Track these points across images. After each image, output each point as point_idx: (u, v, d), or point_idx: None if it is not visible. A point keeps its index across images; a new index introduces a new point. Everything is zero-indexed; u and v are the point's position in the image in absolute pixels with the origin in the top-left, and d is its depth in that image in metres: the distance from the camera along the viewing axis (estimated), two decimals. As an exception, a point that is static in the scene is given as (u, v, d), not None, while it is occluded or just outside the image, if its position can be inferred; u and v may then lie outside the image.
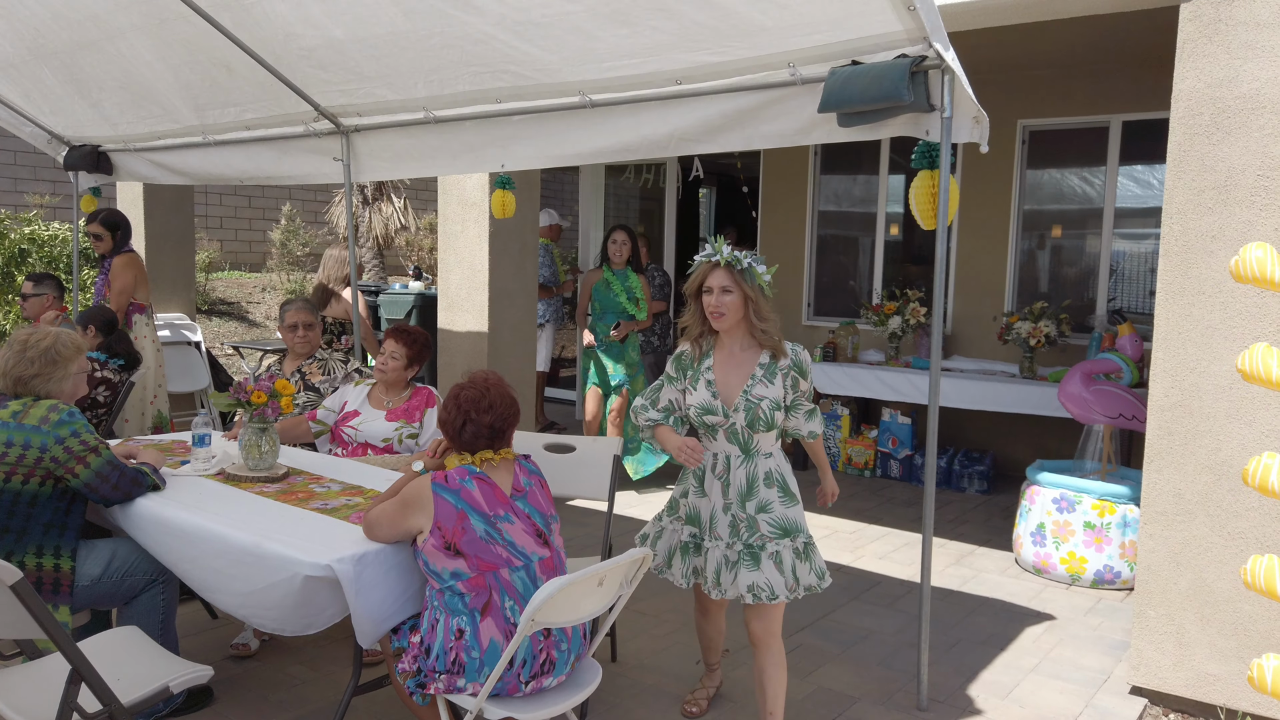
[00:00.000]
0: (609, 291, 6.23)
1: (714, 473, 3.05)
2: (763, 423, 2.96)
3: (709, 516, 3.05)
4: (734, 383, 3.01)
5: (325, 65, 4.58)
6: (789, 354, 3.01)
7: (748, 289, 2.95)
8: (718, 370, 3.04)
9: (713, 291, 2.96)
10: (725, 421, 3.00)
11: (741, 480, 3.01)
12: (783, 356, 3.00)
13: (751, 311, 2.97)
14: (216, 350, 9.21)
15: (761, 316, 2.97)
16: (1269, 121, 3.23)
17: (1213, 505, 3.39)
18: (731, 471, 3.02)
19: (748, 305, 2.97)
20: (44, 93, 5.69)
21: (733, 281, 2.95)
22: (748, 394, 2.97)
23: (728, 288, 2.95)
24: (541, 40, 3.86)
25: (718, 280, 2.96)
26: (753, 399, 2.96)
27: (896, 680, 3.74)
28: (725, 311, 2.96)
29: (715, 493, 3.04)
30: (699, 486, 3.09)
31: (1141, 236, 6.69)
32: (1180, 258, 3.42)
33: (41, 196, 10.03)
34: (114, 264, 5.70)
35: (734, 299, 2.96)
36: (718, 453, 3.05)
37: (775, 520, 2.99)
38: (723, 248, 2.98)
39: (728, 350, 3.06)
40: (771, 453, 3.05)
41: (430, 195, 13.14)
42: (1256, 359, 2.04)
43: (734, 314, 2.97)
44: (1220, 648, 3.41)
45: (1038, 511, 4.95)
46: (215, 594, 2.95)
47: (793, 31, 3.32)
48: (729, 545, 3.00)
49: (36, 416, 2.96)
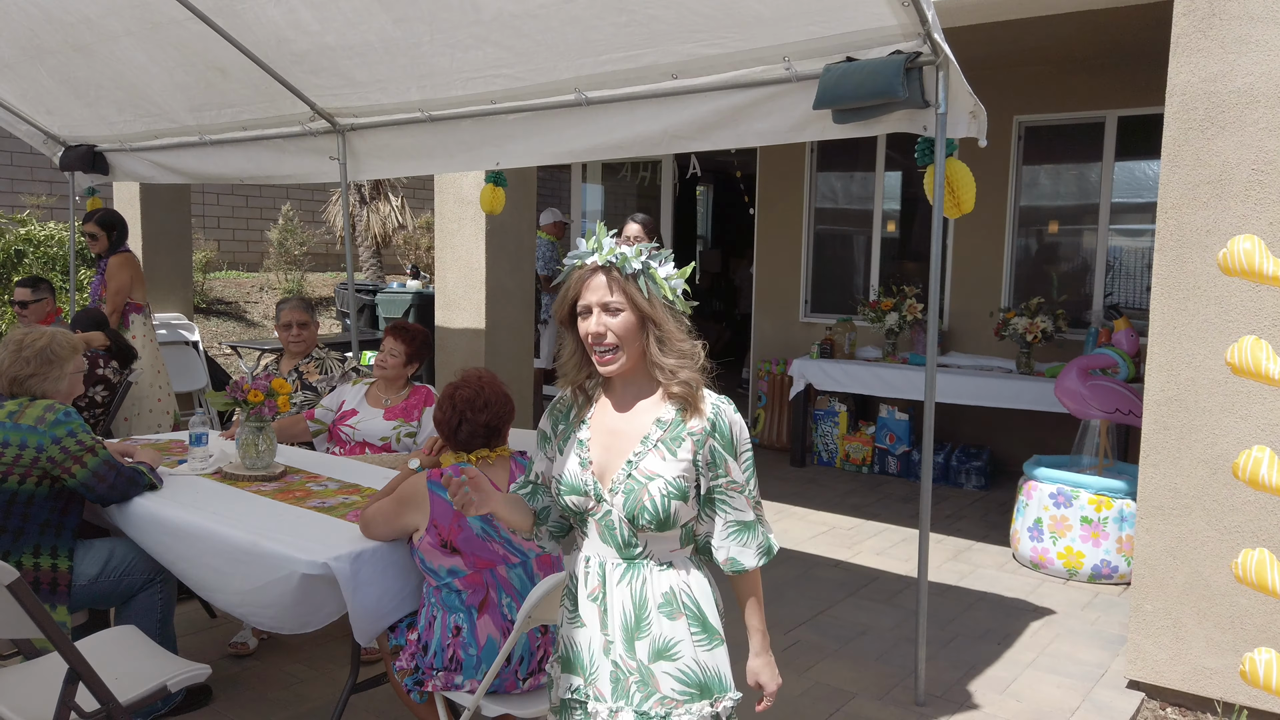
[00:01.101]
0: None
1: (586, 588, 1.97)
2: (650, 516, 1.86)
3: (589, 659, 1.97)
4: (617, 449, 1.94)
5: (318, 70, 4.58)
6: (708, 412, 1.90)
7: (644, 305, 1.87)
8: (597, 429, 1.98)
9: (591, 312, 1.89)
10: (597, 508, 1.93)
11: (624, 605, 1.91)
12: (695, 415, 1.90)
13: (652, 340, 1.88)
14: (214, 350, 9.21)
15: (668, 347, 1.89)
16: (1263, 116, 3.23)
17: (1209, 500, 3.40)
18: (609, 589, 1.93)
19: (645, 330, 1.89)
20: (40, 93, 5.69)
21: (621, 295, 1.87)
22: (632, 468, 1.90)
23: (613, 304, 1.87)
24: (539, 34, 3.86)
25: (597, 294, 1.88)
26: (637, 477, 1.88)
27: (894, 675, 3.75)
28: (610, 342, 1.88)
29: (592, 620, 1.96)
30: (572, 608, 2.01)
31: (1138, 232, 6.70)
32: (1175, 253, 3.42)
33: (37, 197, 10.02)
34: (110, 264, 5.70)
35: (624, 322, 1.87)
36: (591, 557, 1.97)
37: (684, 674, 1.90)
38: (604, 240, 1.91)
39: (620, 398, 1.98)
40: (673, 561, 1.93)
41: (427, 194, 13.13)
42: (1246, 352, 2.04)
43: (626, 346, 1.89)
44: (1217, 641, 3.42)
45: (1035, 506, 4.96)
46: (213, 593, 2.96)
47: (789, 22, 3.32)
48: (612, 713, 1.91)
49: (33, 416, 2.96)
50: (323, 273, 12.53)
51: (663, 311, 1.89)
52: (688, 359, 1.90)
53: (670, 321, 1.89)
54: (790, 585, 4.67)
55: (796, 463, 7.20)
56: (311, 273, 12.14)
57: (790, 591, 4.58)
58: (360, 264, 12.23)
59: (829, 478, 6.91)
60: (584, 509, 1.96)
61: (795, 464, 7.20)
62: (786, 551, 5.16)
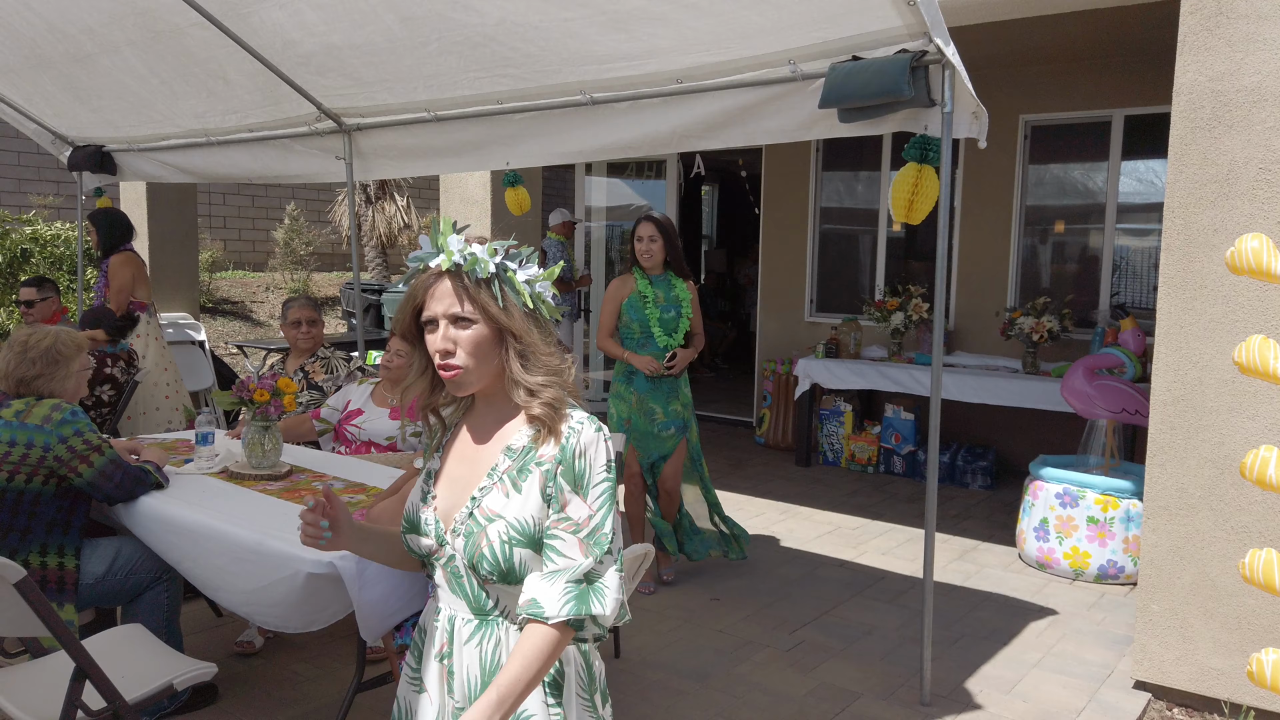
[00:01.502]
0: (648, 306, 4.44)
1: (433, 646, 1.68)
2: (490, 565, 1.56)
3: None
4: (464, 483, 1.66)
5: (324, 71, 4.59)
6: (563, 436, 1.59)
7: (500, 315, 1.59)
8: (449, 458, 1.72)
9: (438, 324, 1.60)
10: (440, 552, 1.65)
11: (472, 669, 1.62)
12: (550, 437, 1.59)
13: (512, 355, 1.60)
14: (220, 349, 9.23)
15: (531, 363, 1.61)
16: (1271, 115, 3.22)
17: (1216, 499, 3.39)
18: (456, 649, 1.64)
19: (504, 344, 1.61)
20: (46, 98, 5.71)
21: (472, 304, 1.59)
22: (474, 506, 1.61)
23: (462, 315, 1.59)
24: (540, 41, 3.87)
25: (443, 304, 1.59)
26: (478, 517, 1.60)
27: (899, 675, 3.74)
28: (459, 362, 1.59)
29: (434, 684, 1.68)
30: (414, 667, 1.74)
31: (1144, 231, 6.68)
32: (1182, 252, 3.41)
33: (45, 197, 10.06)
34: (111, 263, 5.72)
35: (476, 336, 1.59)
36: (442, 609, 1.67)
37: None
38: (449, 238, 1.61)
39: (477, 422, 1.70)
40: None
41: (433, 194, 13.15)
42: (1253, 351, 2.03)
43: (480, 364, 1.60)
44: (1224, 642, 3.41)
45: (1041, 506, 4.95)
46: (219, 592, 2.96)
47: (791, 31, 3.32)
48: None
49: (39, 416, 2.97)
50: (328, 272, 12.56)
51: (524, 322, 1.61)
52: (554, 375, 1.61)
53: (533, 333, 1.62)
54: (795, 585, 4.66)
55: (802, 462, 7.20)
56: (317, 272, 12.17)
57: (795, 591, 4.58)
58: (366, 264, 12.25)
59: (834, 477, 6.90)
60: (427, 552, 1.66)
61: (800, 464, 7.20)
62: (792, 551, 5.16)
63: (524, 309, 1.62)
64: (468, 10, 3.81)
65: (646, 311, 4.40)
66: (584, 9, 3.54)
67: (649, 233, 4.44)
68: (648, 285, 4.45)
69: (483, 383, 1.63)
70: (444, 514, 1.66)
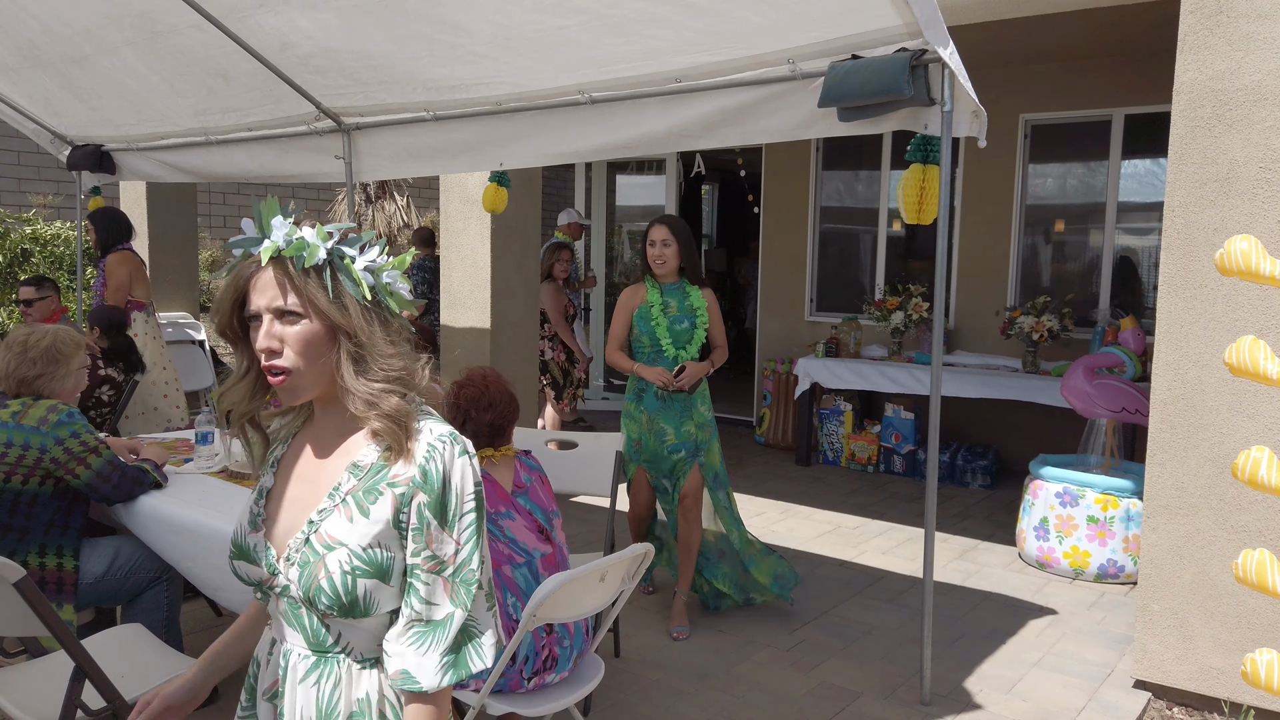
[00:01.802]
0: (657, 317, 4.01)
1: (264, 682, 1.52)
2: (329, 599, 1.36)
3: None
4: (302, 503, 1.45)
5: (323, 71, 4.59)
6: (419, 455, 1.37)
7: (331, 310, 1.38)
8: (284, 474, 1.51)
9: (261, 319, 1.40)
10: (273, 581, 1.44)
11: (306, 711, 1.43)
12: (401, 456, 1.38)
13: (345, 357, 1.39)
14: (220, 348, 9.23)
15: (369, 366, 1.39)
16: (1271, 114, 3.22)
17: (1216, 499, 3.39)
18: (289, 687, 1.44)
19: (337, 345, 1.40)
20: (45, 97, 5.71)
21: (299, 296, 1.38)
22: (311, 531, 1.40)
23: (288, 308, 1.38)
24: (535, 53, 3.87)
25: (266, 296, 1.39)
26: (315, 544, 1.39)
27: (900, 675, 3.74)
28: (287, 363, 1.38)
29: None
30: (247, 703, 1.59)
31: (1145, 231, 6.68)
32: (1182, 251, 3.41)
33: (44, 196, 10.05)
34: (108, 262, 5.73)
35: (304, 333, 1.38)
36: (277, 640, 1.48)
37: None
38: (274, 219, 1.39)
39: (318, 433, 1.49)
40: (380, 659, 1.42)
41: (433, 193, 13.14)
42: (1244, 352, 2.03)
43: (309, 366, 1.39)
44: (1224, 641, 3.41)
45: (1041, 506, 4.95)
46: (219, 591, 2.96)
47: (791, 30, 3.32)
48: None
49: (35, 417, 2.96)
50: (328, 272, 12.55)
51: (361, 318, 1.39)
52: (397, 381, 1.39)
53: (375, 332, 1.40)
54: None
55: (802, 462, 7.20)
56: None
57: (796, 591, 4.58)
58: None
59: (834, 477, 6.90)
60: (258, 581, 1.46)
61: (800, 463, 7.19)
62: (792, 551, 5.16)
63: (362, 302, 1.40)
64: (456, 32, 3.81)
65: (655, 323, 3.99)
66: (580, 15, 3.53)
67: (662, 236, 4.01)
68: (659, 294, 4.03)
69: (319, 387, 1.42)
70: (277, 539, 1.45)
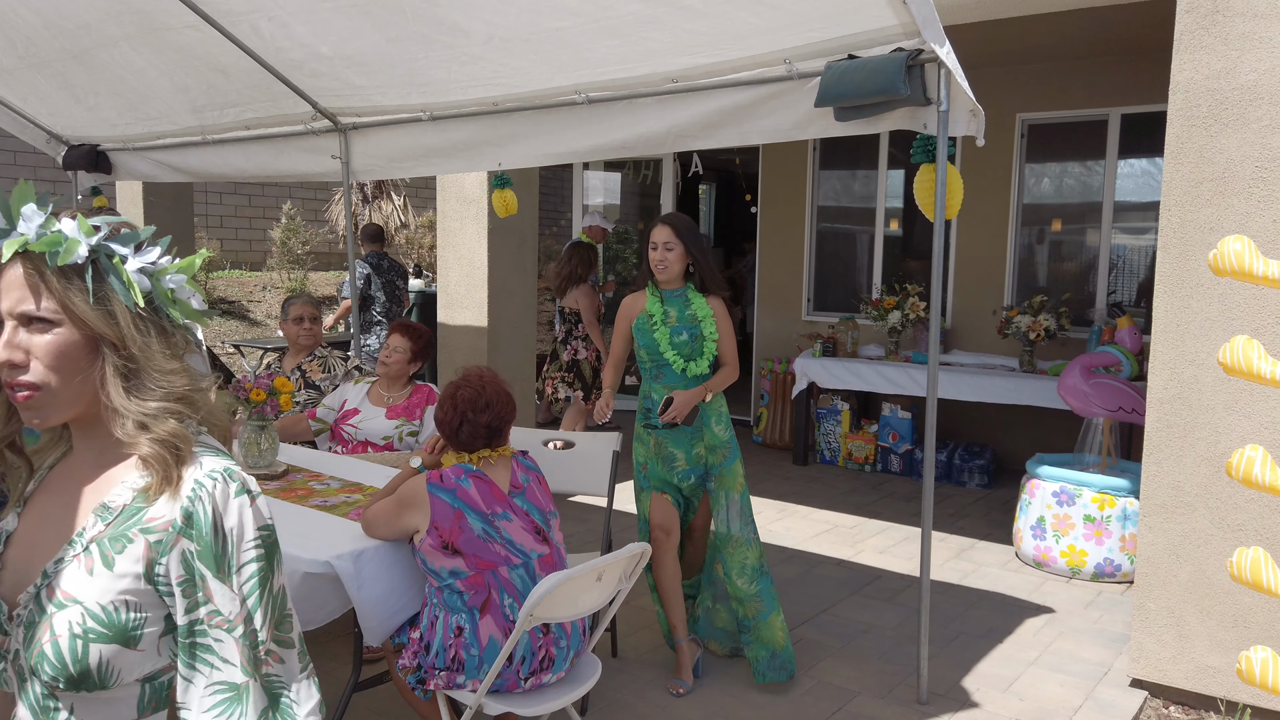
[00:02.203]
0: (656, 328, 3.54)
1: None
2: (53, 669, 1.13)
3: None
4: (42, 550, 1.22)
5: (319, 74, 4.59)
6: (184, 492, 1.16)
7: (92, 317, 1.16)
8: (34, 511, 1.27)
9: (2, 325, 1.18)
10: (4, 642, 1.21)
11: None
12: (167, 488, 1.16)
13: (110, 371, 1.17)
14: (218, 349, 9.22)
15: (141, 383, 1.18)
16: (1267, 113, 3.23)
17: (1212, 497, 3.39)
18: None
19: (101, 358, 1.18)
20: (40, 97, 5.70)
21: (54, 300, 1.16)
22: (44, 584, 1.17)
23: (39, 313, 1.16)
24: (531, 55, 3.88)
25: (11, 297, 1.17)
26: (44, 601, 1.16)
27: (897, 674, 3.74)
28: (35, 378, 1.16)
29: None
30: None
31: (1141, 230, 6.69)
32: (1179, 250, 3.42)
33: (41, 196, 10.03)
34: None
35: (58, 343, 1.16)
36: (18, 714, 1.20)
37: None
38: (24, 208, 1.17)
39: (77, 463, 1.26)
40: None
41: (430, 193, 13.14)
42: (1237, 352, 2.03)
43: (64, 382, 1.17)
44: (1220, 640, 3.41)
45: (1038, 505, 4.95)
46: None
47: (787, 30, 3.32)
48: None
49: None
50: (325, 271, 12.54)
51: (133, 327, 1.17)
52: (178, 401, 1.18)
53: (150, 344, 1.18)
54: (793, 584, 4.66)
55: (799, 461, 7.20)
56: (314, 271, 12.15)
57: (793, 590, 4.58)
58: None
59: (831, 476, 6.91)
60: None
61: (798, 462, 7.20)
62: (789, 550, 5.16)
63: (136, 310, 1.18)
64: (453, 32, 3.81)
65: (655, 334, 3.51)
66: (576, 18, 3.53)
67: (664, 238, 3.53)
68: (657, 302, 3.55)
69: (76, 408, 1.19)
70: (9, 591, 1.20)
